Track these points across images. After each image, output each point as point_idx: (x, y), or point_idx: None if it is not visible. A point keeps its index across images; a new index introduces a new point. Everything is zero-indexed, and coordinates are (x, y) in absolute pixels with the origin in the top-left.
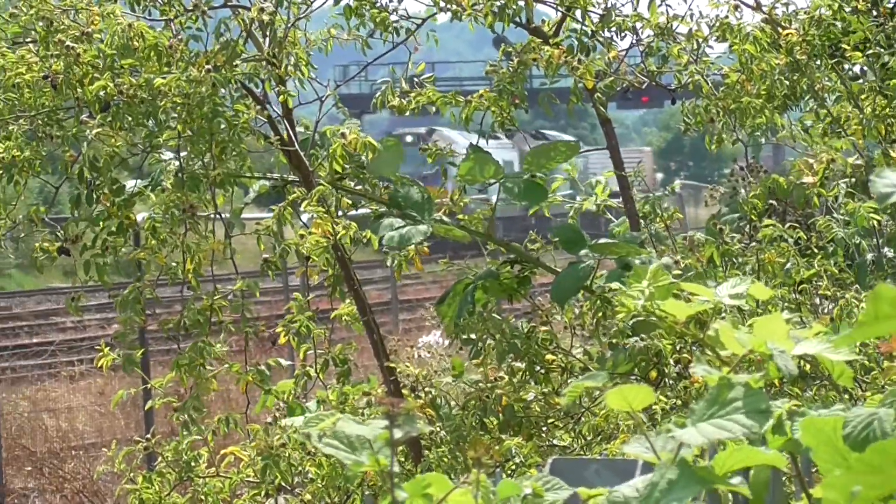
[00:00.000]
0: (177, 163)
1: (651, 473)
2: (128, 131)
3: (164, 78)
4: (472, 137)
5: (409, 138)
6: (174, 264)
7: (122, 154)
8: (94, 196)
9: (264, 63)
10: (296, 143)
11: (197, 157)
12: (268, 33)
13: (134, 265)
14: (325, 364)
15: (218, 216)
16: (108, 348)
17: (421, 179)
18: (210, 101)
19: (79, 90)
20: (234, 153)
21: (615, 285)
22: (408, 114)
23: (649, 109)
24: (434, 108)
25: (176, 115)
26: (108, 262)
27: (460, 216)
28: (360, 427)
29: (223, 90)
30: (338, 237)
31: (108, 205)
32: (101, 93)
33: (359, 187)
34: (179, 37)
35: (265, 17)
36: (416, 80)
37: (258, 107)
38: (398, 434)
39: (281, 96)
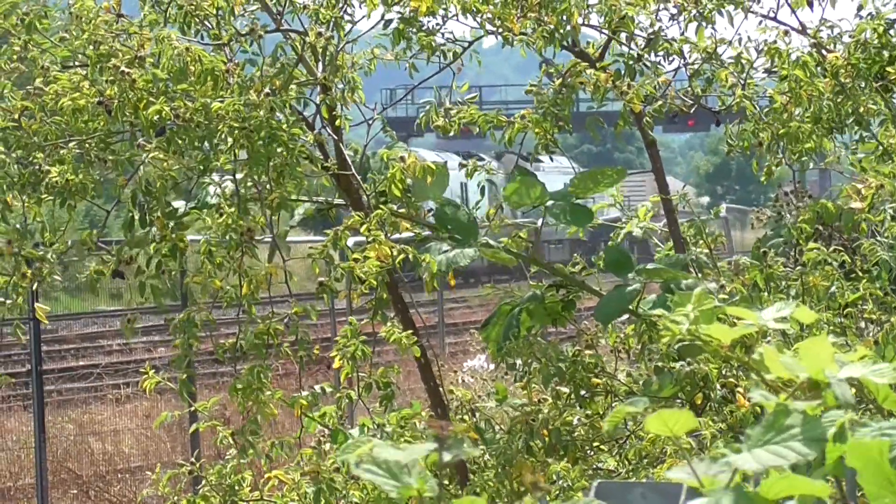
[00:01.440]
0: (231, 186)
1: (696, 499)
2: (181, 155)
3: (220, 102)
4: (448, 157)
5: None
6: (229, 288)
7: (177, 178)
8: (148, 219)
9: (317, 87)
10: (351, 167)
11: (254, 181)
12: (321, 58)
13: (186, 288)
14: (368, 387)
15: (267, 239)
16: (153, 371)
17: None
18: (267, 126)
19: (132, 115)
20: (291, 177)
21: (660, 311)
22: (451, 134)
23: (695, 133)
24: (477, 129)
25: (232, 139)
26: (161, 285)
27: (503, 239)
28: (397, 452)
29: (280, 114)
30: (396, 262)
31: (162, 228)
32: (156, 117)
33: (401, 209)
34: (235, 61)
35: (321, 43)
36: (459, 101)
37: (313, 131)
38: (447, 457)
39: (337, 120)
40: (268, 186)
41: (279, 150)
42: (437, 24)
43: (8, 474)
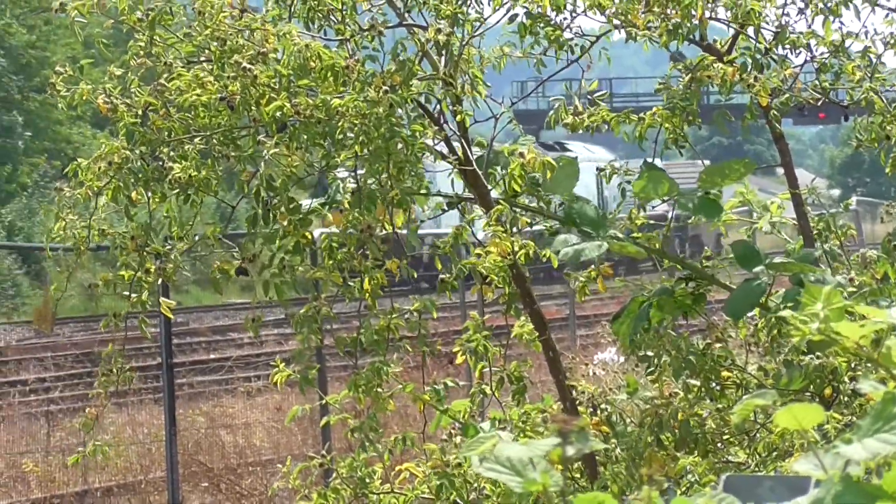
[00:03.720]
0: (354, 182)
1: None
2: (304, 151)
3: (340, 98)
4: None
5: None
6: (351, 283)
7: (299, 174)
8: (272, 215)
9: (440, 82)
10: (472, 162)
11: (374, 177)
12: (444, 53)
13: (311, 283)
14: (501, 381)
15: (395, 234)
16: (283, 364)
17: None
18: (387, 122)
19: (255, 110)
20: (411, 173)
21: (788, 312)
22: (581, 131)
23: (826, 126)
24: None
25: (353, 136)
26: (287, 280)
27: (636, 234)
28: (520, 448)
29: (400, 110)
30: (516, 256)
31: (286, 224)
32: (278, 113)
33: (532, 204)
34: (356, 57)
35: (441, 38)
36: (589, 97)
37: (435, 127)
38: (570, 451)
39: (458, 116)
40: (389, 183)
41: (399, 146)
42: (564, 19)
43: (139, 467)
